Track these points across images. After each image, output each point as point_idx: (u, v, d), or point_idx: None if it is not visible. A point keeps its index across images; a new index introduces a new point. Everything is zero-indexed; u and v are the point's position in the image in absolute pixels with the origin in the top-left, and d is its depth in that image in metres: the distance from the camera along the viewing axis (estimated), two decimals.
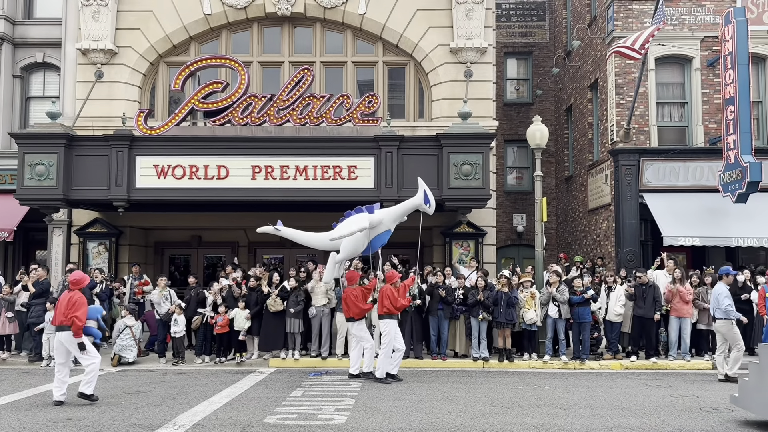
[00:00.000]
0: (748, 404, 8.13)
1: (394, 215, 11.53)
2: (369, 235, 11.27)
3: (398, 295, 11.17)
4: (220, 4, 17.26)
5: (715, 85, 16.72)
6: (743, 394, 8.22)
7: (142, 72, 17.37)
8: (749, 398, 8.08)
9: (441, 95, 16.94)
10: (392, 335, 11.07)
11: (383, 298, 11.09)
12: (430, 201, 11.18)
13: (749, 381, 8.14)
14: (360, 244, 11.32)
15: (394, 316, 11.14)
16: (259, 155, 14.64)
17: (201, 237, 18.88)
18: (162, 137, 14.84)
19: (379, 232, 11.39)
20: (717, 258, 16.53)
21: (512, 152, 23.68)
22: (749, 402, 8.09)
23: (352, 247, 11.35)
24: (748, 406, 8.14)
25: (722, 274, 11.64)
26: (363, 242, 11.31)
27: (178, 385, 10.81)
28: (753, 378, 8.06)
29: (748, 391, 8.12)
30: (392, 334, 11.07)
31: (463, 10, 16.81)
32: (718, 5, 16.83)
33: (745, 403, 8.17)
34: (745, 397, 8.16)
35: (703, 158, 16.44)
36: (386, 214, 11.47)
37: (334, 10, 17.25)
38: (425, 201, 11.15)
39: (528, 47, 24.21)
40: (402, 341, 11.27)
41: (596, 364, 12.77)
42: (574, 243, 20.92)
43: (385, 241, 11.66)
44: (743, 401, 8.21)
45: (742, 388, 8.26)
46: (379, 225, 11.29)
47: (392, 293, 11.12)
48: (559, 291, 12.87)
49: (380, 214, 11.31)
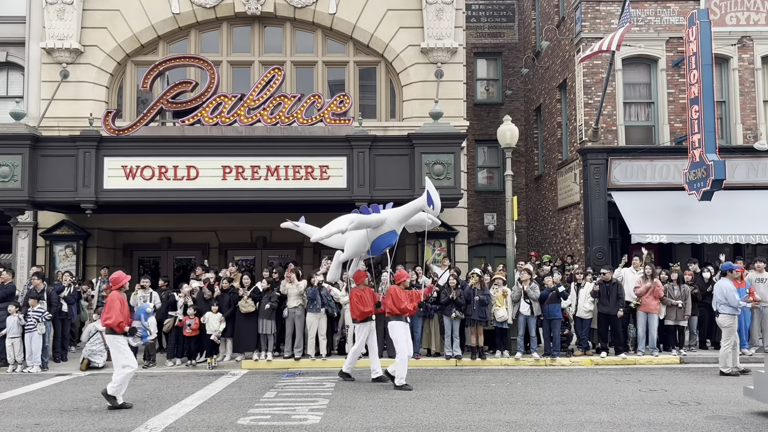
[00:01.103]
0: (764, 396, 8.35)
1: (399, 216, 10.86)
2: (370, 236, 10.79)
3: (404, 298, 10.62)
4: (189, 4, 17.08)
5: (680, 85, 17.07)
6: (759, 387, 8.46)
7: (109, 72, 17.11)
8: (765, 390, 8.31)
9: (412, 95, 17.00)
10: (395, 338, 10.60)
11: (387, 299, 10.78)
12: (434, 203, 10.33)
13: (765, 374, 8.37)
14: (362, 244, 10.91)
15: (401, 318, 10.63)
16: (230, 155, 14.53)
17: (171, 238, 18.66)
18: (130, 138, 14.64)
19: (382, 232, 10.79)
20: (683, 255, 16.86)
21: (483, 152, 23.87)
22: (765, 394, 8.32)
23: (355, 247, 11.00)
24: (764, 398, 8.37)
25: (725, 270, 11.90)
26: (365, 242, 10.88)
27: (149, 388, 10.67)
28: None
29: (765, 383, 8.34)
30: (395, 337, 10.61)
31: (433, 11, 16.89)
32: (683, 7, 17.18)
33: (761, 395, 8.40)
34: (761, 389, 8.39)
35: (669, 157, 16.77)
36: (390, 214, 10.89)
37: (305, 9, 17.20)
38: (429, 203, 10.36)
39: (497, 48, 24.42)
40: (404, 347, 10.53)
41: (567, 361, 12.93)
42: (544, 241, 21.16)
43: (392, 243, 11.05)
44: (759, 393, 8.45)
45: (758, 380, 8.49)
46: (383, 225, 10.70)
47: (396, 294, 10.63)
48: (530, 288, 13.01)
49: (384, 214, 10.80)
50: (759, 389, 8.44)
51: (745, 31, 17.17)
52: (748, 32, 17.18)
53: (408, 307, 10.62)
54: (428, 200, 10.30)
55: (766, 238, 15.71)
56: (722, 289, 11.46)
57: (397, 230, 10.93)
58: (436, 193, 10.36)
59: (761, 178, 16.78)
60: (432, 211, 10.44)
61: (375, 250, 11.11)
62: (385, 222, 10.71)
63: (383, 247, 11.08)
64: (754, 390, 8.53)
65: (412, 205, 10.82)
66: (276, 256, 18.77)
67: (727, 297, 11.30)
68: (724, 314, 11.36)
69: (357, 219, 10.39)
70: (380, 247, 11.06)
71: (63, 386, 11.00)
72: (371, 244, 10.89)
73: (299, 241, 18.52)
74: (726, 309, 11.31)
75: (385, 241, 10.91)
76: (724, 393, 9.89)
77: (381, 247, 11.04)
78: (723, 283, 11.60)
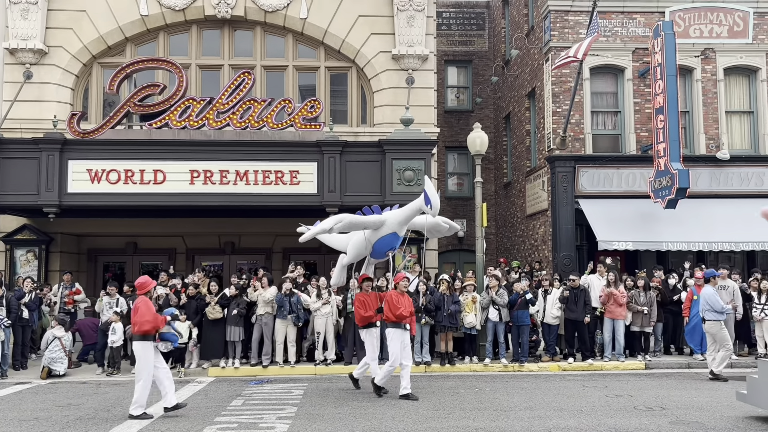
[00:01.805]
0: (757, 400, 8.50)
1: (399, 218, 10.45)
2: (370, 238, 10.50)
3: (401, 303, 10.17)
4: (158, 6, 16.86)
5: (646, 94, 17.38)
6: (752, 391, 8.59)
7: (74, 73, 16.79)
8: (759, 395, 8.46)
9: (383, 101, 17.01)
10: (389, 346, 10.21)
11: (384, 304, 10.39)
12: (432, 203, 9.91)
13: (759, 378, 8.51)
14: (362, 246, 10.66)
15: (399, 325, 10.14)
16: (198, 159, 14.35)
17: (137, 243, 18.35)
18: (96, 141, 14.36)
19: (382, 234, 10.42)
20: (649, 262, 17.13)
21: (453, 159, 24.00)
22: (759, 398, 8.47)
23: (356, 249, 10.78)
24: (757, 402, 8.51)
25: (709, 277, 12.13)
26: (366, 245, 10.61)
27: (113, 396, 10.44)
28: (763, 375, 8.42)
29: (758, 388, 8.48)
30: (388, 344, 10.21)
31: (404, 18, 16.94)
32: (648, 19, 17.52)
33: (755, 400, 8.54)
34: (755, 393, 8.53)
35: (635, 165, 17.05)
36: (391, 215, 10.52)
37: (276, 14, 17.11)
38: (426, 202, 9.95)
39: (468, 56, 24.60)
40: (397, 354, 10.04)
41: (535, 367, 13.03)
42: (513, 248, 21.33)
43: (394, 245, 10.69)
44: (752, 398, 8.58)
45: (751, 385, 8.62)
46: (383, 227, 10.37)
47: (392, 299, 10.23)
48: (498, 295, 13.09)
49: (383, 216, 10.45)
50: (752, 394, 8.61)
51: (708, 44, 17.57)
52: (711, 44, 17.59)
53: (404, 314, 10.18)
54: (426, 200, 9.96)
55: (727, 245, 16.06)
56: (705, 295, 11.68)
57: (399, 233, 10.53)
58: (434, 193, 10.00)
59: (723, 187, 17.16)
60: (430, 211, 10.04)
61: (376, 253, 10.81)
62: (385, 224, 10.36)
63: (385, 250, 10.72)
64: (748, 395, 8.70)
65: (411, 205, 10.46)
66: (244, 262, 18.59)
67: (711, 303, 11.50)
68: (710, 321, 11.56)
69: (346, 218, 10.05)
70: (382, 250, 10.71)
71: (23, 395, 10.70)
72: (372, 246, 10.58)
73: (268, 246, 18.41)
74: (712, 315, 11.52)
75: (387, 243, 10.55)
76: (688, 398, 10.05)
77: (382, 250, 10.69)
78: (706, 290, 11.83)
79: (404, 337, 10.25)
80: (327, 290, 13.06)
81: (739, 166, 17.20)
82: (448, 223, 11.28)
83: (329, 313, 12.99)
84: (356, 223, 10.27)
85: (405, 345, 10.25)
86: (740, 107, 17.97)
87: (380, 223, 10.39)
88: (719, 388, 10.93)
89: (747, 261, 17.52)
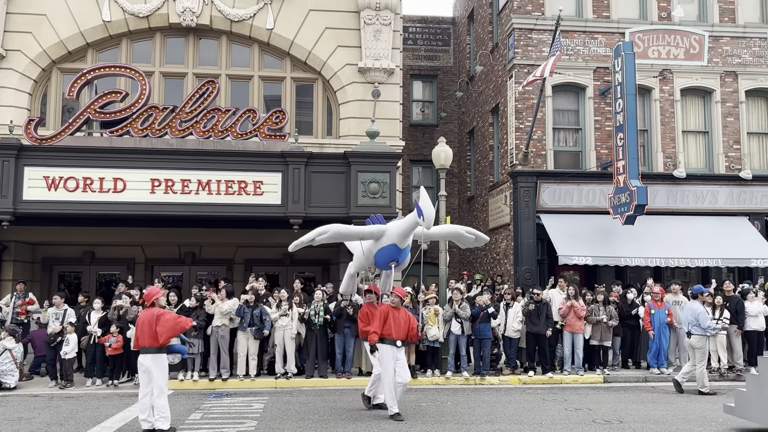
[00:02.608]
0: (746, 413, 8.67)
1: (398, 229, 9.98)
2: (372, 249, 10.17)
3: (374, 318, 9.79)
4: (121, 12, 16.61)
5: (606, 113, 17.77)
6: (740, 404, 8.77)
7: (32, 78, 16.39)
8: (747, 408, 8.63)
9: (349, 114, 17.02)
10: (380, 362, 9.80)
11: None
12: (424, 213, 9.41)
13: (747, 392, 8.69)
14: (363, 257, 10.37)
15: (386, 341, 9.65)
16: (160, 168, 14.11)
17: (94, 253, 17.93)
18: (54, 147, 14.01)
19: (382, 245, 9.98)
20: (608, 276, 17.44)
21: (417, 172, 24.14)
22: (747, 411, 8.64)
23: (357, 260, 10.52)
24: (746, 414, 8.67)
25: (696, 293, 12.37)
26: (367, 255, 10.30)
27: (66, 410, 10.14)
28: (751, 389, 8.60)
29: (746, 401, 8.65)
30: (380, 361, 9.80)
31: (371, 31, 17.02)
32: (609, 39, 17.96)
33: (743, 413, 8.70)
34: (743, 406, 8.71)
35: (595, 182, 17.38)
36: (391, 227, 10.06)
37: (242, 23, 17.02)
38: (419, 214, 9.50)
39: (433, 71, 24.84)
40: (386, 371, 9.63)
41: (496, 380, 13.10)
42: (475, 261, 21.49)
43: (395, 257, 10.15)
44: (740, 410, 8.75)
45: (739, 398, 8.80)
46: (383, 238, 9.94)
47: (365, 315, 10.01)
48: (461, 308, 13.15)
49: (385, 227, 10.05)
50: (740, 407, 8.79)
51: (666, 65, 18.08)
52: (669, 65, 18.10)
53: (364, 330, 9.95)
54: (418, 212, 9.53)
55: (683, 261, 16.46)
56: (694, 311, 11.92)
57: (400, 245, 9.96)
58: (428, 204, 9.47)
59: (680, 204, 17.62)
60: (423, 222, 9.52)
61: (378, 264, 10.46)
62: (385, 235, 9.92)
63: (386, 262, 10.19)
64: (735, 408, 8.88)
65: (408, 217, 10.01)
66: (205, 273, 18.31)
67: (699, 319, 11.75)
68: (695, 335, 11.79)
69: (332, 229, 9.81)
70: (383, 262, 10.24)
71: None
72: (374, 258, 10.26)
73: (230, 257, 18.19)
74: (698, 330, 11.76)
75: (387, 255, 10.03)
76: (645, 412, 10.22)
77: (384, 261, 10.22)
78: (694, 305, 12.09)
79: (392, 352, 9.64)
80: (287, 302, 12.95)
81: (695, 185, 17.70)
82: (473, 233, 10.74)
83: (287, 326, 12.84)
84: (346, 234, 10.06)
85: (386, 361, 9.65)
86: (696, 127, 18.51)
87: (378, 234, 10.01)
88: (674, 401, 11.15)
89: (701, 276, 17.97)
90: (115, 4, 16.55)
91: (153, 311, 8.58)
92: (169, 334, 8.50)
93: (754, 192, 17.88)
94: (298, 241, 10.11)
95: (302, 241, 10.00)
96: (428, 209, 9.42)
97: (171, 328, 8.50)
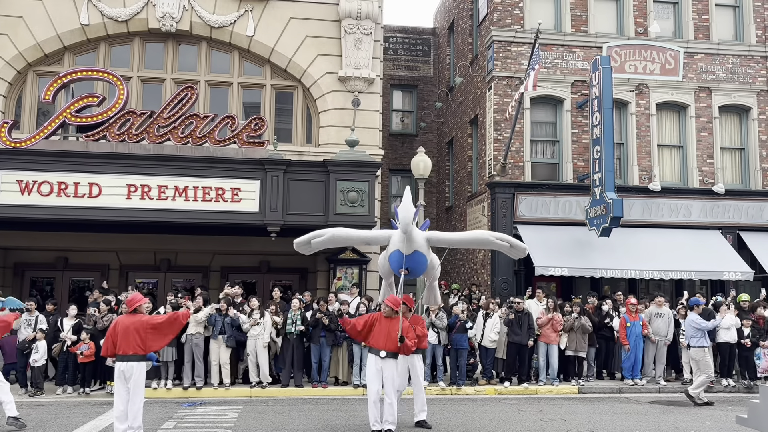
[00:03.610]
0: (759, 425, 8.69)
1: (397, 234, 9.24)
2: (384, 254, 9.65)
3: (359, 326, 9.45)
4: (100, 16, 16.46)
5: (583, 126, 17.98)
6: (753, 416, 8.78)
7: (7, 80, 16.16)
8: (761, 419, 8.64)
9: (329, 122, 17.02)
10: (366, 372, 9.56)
11: None
12: (399, 215, 8.95)
13: (761, 403, 8.71)
14: (383, 264, 9.78)
15: (371, 350, 9.30)
16: (136, 174, 13.97)
17: (68, 258, 17.63)
18: (28, 150, 13.81)
19: (390, 251, 9.34)
20: (583, 287, 17.58)
21: (396, 181, 24.18)
22: (761, 422, 8.65)
23: (381, 266, 9.97)
24: (759, 426, 8.69)
25: (693, 305, 12.56)
26: (382, 262, 9.79)
27: (35, 419, 9.94)
28: (765, 400, 8.61)
29: (760, 412, 8.68)
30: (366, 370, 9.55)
31: (352, 40, 17.07)
32: (587, 53, 18.20)
33: (757, 424, 8.73)
34: (756, 418, 8.73)
35: (572, 194, 17.55)
36: (396, 232, 9.29)
37: (222, 30, 16.96)
38: (396, 215, 9.11)
39: (413, 81, 24.96)
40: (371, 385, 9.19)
41: (472, 390, 13.11)
42: (453, 271, 21.54)
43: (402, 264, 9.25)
44: (754, 422, 8.77)
45: (752, 409, 8.82)
46: (390, 243, 9.35)
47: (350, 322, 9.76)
48: (438, 317, 13.16)
49: (390, 232, 9.50)
50: (753, 418, 8.84)
51: (642, 79, 18.36)
52: (645, 80, 18.38)
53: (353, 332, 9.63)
54: (396, 214, 9.12)
55: (657, 273, 16.64)
56: (691, 322, 12.09)
57: (403, 251, 9.07)
58: (405, 206, 8.92)
59: (655, 217, 17.86)
60: (398, 223, 9.05)
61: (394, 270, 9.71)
62: (391, 241, 9.28)
63: (396, 268, 9.35)
64: (749, 419, 8.94)
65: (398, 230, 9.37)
66: (180, 280, 18.11)
67: (697, 325, 11.94)
68: (695, 347, 11.92)
69: (328, 232, 9.47)
70: (393, 268, 9.47)
71: None
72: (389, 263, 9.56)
73: (206, 264, 18.00)
74: (697, 342, 11.90)
75: (394, 261, 9.27)
76: (618, 423, 10.30)
77: (394, 267, 9.44)
78: (691, 317, 12.27)
79: (375, 362, 9.15)
80: (259, 311, 12.81)
81: (669, 198, 17.96)
82: (507, 240, 9.49)
83: (258, 335, 12.70)
84: (347, 237, 9.75)
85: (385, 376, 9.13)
86: (671, 141, 18.79)
87: (382, 239, 9.62)
88: (648, 412, 11.25)
89: (675, 289, 18.19)
90: (93, 7, 16.41)
91: (138, 318, 8.30)
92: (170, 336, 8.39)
93: (726, 206, 18.19)
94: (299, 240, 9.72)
95: (302, 241, 9.64)
96: (404, 212, 8.85)
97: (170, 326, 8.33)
